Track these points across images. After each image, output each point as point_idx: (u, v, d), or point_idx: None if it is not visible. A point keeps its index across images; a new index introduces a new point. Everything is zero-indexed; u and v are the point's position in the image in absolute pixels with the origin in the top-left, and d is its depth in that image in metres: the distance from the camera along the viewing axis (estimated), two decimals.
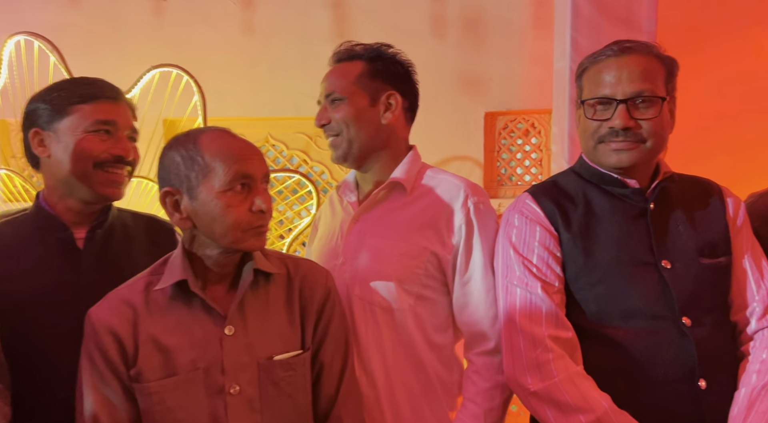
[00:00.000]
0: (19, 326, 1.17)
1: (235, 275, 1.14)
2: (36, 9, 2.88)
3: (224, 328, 1.09)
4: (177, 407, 1.05)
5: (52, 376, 1.18)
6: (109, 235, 1.28)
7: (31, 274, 1.19)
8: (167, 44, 2.89)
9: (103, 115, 1.23)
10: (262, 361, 1.10)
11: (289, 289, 1.16)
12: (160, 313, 1.08)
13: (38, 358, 1.18)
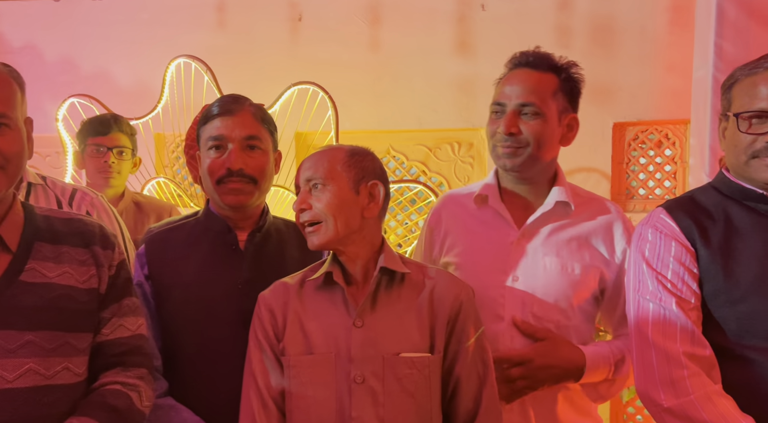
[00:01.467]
0: (186, 317, 1.31)
1: None
2: (189, 33, 3.23)
3: (354, 320, 1.19)
4: (309, 383, 1.16)
5: (212, 367, 1.30)
6: (266, 238, 1.40)
7: (200, 270, 1.34)
8: (301, 62, 3.11)
9: (213, 131, 1.34)
10: (388, 355, 1.17)
11: (421, 293, 1.23)
12: (308, 300, 1.23)
13: (200, 348, 1.31)
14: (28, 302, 1.04)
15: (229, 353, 1.28)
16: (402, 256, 1.28)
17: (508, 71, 1.42)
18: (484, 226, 1.44)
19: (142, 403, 1.12)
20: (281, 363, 1.20)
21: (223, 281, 1.33)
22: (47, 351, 1.04)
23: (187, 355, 1.31)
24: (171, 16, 3.29)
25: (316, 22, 3.17)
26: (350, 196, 1.20)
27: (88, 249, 1.15)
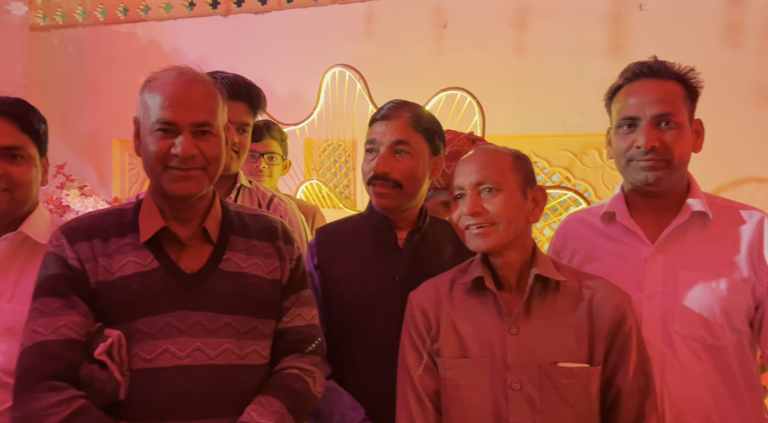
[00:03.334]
0: (347, 307, 1.40)
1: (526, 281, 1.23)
2: (340, 44, 3.42)
3: (509, 326, 1.19)
4: (465, 386, 1.18)
5: (368, 356, 1.37)
6: (424, 238, 1.45)
7: (361, 264, 1.43)
8: (445, 68, 3.15)
9: (370, 135, 1.43)
10: (545, 364, 1.16)
11: (578, 302, 1.21)
12: (459, 303, 1.25)
13: (358, 338, 1.38)
14: (225, 288, 1.17)
15: (384, 344, 1.34)
16: (555, 260, 1.26)
17: (626, 83, 1.37)
18: (615, 244, 1.40)
19: (317, 389, 1.22)
20: (435, 363, 1.23)
21: (382, 276, 1.40)
22: (240, 333, 1.16)
23: (346, 343, 1.39)
24: (323, 29, 3.50)
25: (461, 28, 3.20)
26: (520, 200, 1.21)
27: (273, 243, 1.27)
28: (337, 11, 3.46)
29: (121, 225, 1.19)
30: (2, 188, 1.23)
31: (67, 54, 4.20)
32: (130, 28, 4.01)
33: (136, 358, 1.09)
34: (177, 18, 3.88)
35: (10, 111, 1.25)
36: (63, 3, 4.15)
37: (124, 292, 1.12)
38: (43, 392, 1.01)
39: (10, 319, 1.21)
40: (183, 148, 1.12)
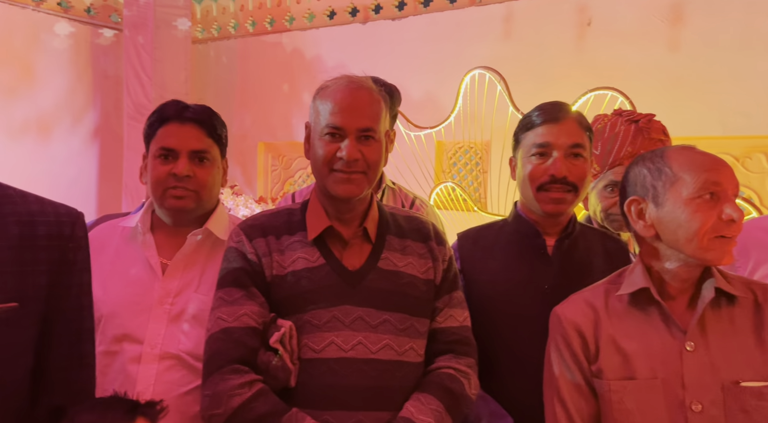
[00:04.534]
0: (490, 312, 1.39)
1: (694, 293, 1.14)
2: (475, 46, 3.40)
3: (685, 343, 1.10)
4: (636, 410, 1.11)
5: (511, 363, 1.36)
6: (574, 245, 1.41)
7: (506, 270, 1.41)
8: (589, 67, 3.02)
9: (538, 138, 1.37)
10: (727, 384, 1.07)
11: (758, 315, 1.11)
12: (619, 318, 1.17)
13: (501, 344, 1.37)
14: (384, 286, 1.22)
15: (527, 354, 1.32)
16: (721, 270, 1.16)
17: None
18: None
19: (471, 391, 1.23)
20: (591, 385, 1.17)
21: (528, 284, 1.38)
22: (399, 330, 1.20)
23: (488, 349, 1.37)
24: (459, 31, 3.50)
25: (606, 25, 3.05)
26: None
27: (426, 244, 1.30)
28: (474, 13, 3.45)
29: (291, 223, 1.28)
30: (190, 189, 1.36)
31: (221, 64, 4.58)
32: (276, 38, 4.29)
33: (305, 348, 1.17)
34: (319, 27, 4.08)
35: (198, 117, 1.38)
36: (219, 17, 4.53)
37: (296, 285, 1.20)
38: (229, 374, 1.12)
39: (197, 306, 1.34)
40: (348, 152, 1.19)
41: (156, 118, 1.39)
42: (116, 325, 1.31)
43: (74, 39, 4.22)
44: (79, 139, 4.32)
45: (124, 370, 1.30)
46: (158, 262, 1.37)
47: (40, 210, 1.09)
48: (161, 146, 1.37)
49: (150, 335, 1.32)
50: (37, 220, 1.07)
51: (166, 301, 1.34)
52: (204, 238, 1.41)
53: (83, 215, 1.16)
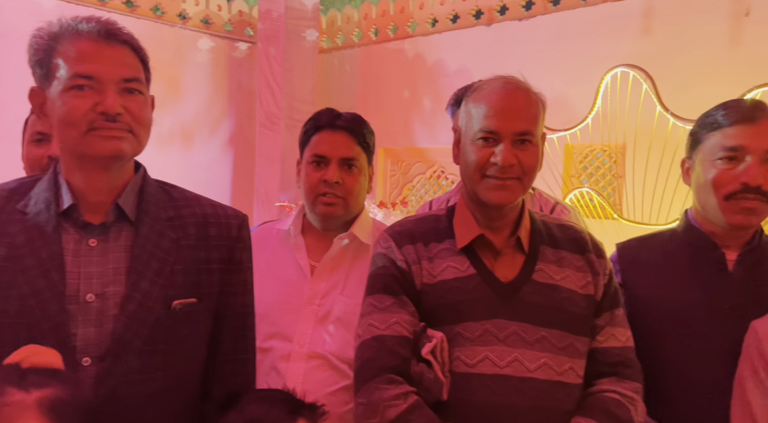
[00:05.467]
0: (652, 334, 1.27)
1: None
2: (611, 44, 3.20)
3: None
4: None
5: (685, 391, 1.23)
6: (760, 259, 1.27)
7: (676, 286, 1.29)
8: (745, 62, 2.73)
9: (727, 141, 1.22)
10: None
11: None
12: None
13: (672, 370, 1.25)
14: (540, 300, 1.15)
15: (700, 377, 1.20)
16: None
17: None
18: None
19: (637, 418, 1.13)
20: None
21: (704, 303, 1.24)
22: (558, 349, 1.13)
23: (654, 371, 1.26)
24: (592, 29, 3.32)
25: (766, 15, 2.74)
26: None
27: (584, 256, 1.22)
28: (609, 9, 3.25)
29: (438, 230, 1.25)
30: (339, 195, 1.39)
31: (345, 72, 4.71)
32: (398, 45, 4.33)
33: (457, 361, 1.13)
34: (441, 32, 4.06)
35: (349, 126, 1.41)
36: (343, 27, 4.67)
37: (446, 295, 1.17)
38: (384, 384, 1.11)
39: (341, 309, 1.36)
40: (503, 157, 1.14)
41: (311, 126, 1.44)
42: (269, 323, 1.36)
43: (214, 53, 4.53)
44: (216, 146, 4.62)
45: (275, 367, 1.35)
46: (307, 263, 1.42)
47: (213, 212, 1.16)
48: (314, 153, 1.41)
49: (298, 334, 1.36)
50: (209, 222, 1.14)
51: (313, 302, 1.38)
52: (349, 242, 1.43)
53: (248, 217, 1.21)
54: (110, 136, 1.01)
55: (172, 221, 1.11)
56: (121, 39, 1.04)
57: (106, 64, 1.01)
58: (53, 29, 1.04)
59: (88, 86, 1.00)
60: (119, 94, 1.01)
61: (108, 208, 1.07)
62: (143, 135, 1.06)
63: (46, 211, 1.03)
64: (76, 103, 0.99)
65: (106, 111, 0.99)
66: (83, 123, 1.00)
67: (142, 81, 1.06)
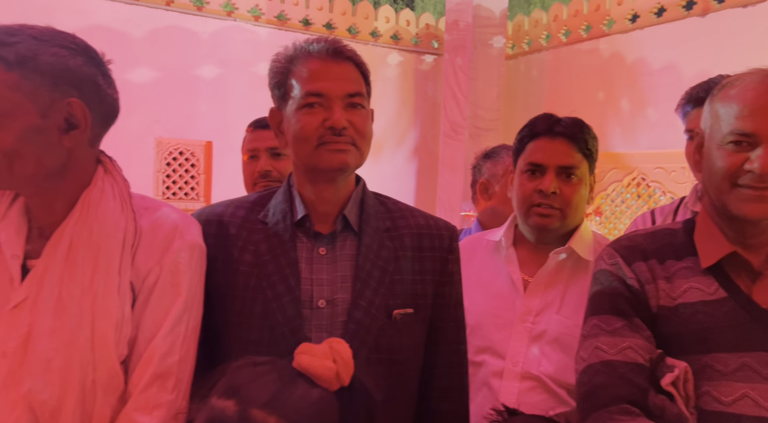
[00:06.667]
0: None
1: None
2: None
3: None
4: None
5: None
6: None
7: None
8: None
9: None
10: None
11: None
12: None
13: None
14: None
15: None
16: None
17: None
18: None
19: None
20: None
21: None
22: None
23: None
24: None
25: None
26: None
27: None
28: None
29: (675, 246, 1.10)
30: (556, 207, 1.31)
31: (531, 77, 4.56)
32: (592, 45, 4.07)
33: (706, 397, 0.98)
34: (643, 27, 3.73)
35: (569, 132, 1.32)
36: (530, 31, 4.53)
37: (690, 321, 1.03)
38: (619, 414, 1.00)
39: (558, 329, 1.28)
40: (761, 164, 0.97)
41: (526, 133, 1.38)
42: (480, 337, 1.32)
43: (402, 67, 4.69)
44: (402, 157, 4.77)
45: (487, 383, 1.31)
46: (520, 278, 1.35)
47: (425, 223, 1.16)
48: (529, 161, 1.35)
49: (512, 352, 1.30)
50: (423, 233, 1.14)
51: (527, 319, 1.31)
52: (567, 257, 1.34)
53: (457, 229, 1.20)
54: (337, 149, 1.06)
55: (390, 232, 1.13)
56: (346, 55, 1.09)
57: (333, 80, 1.06)
58: (289, 53, 1.12)
59: (317, 103, 1.06)
60: (344, 109, 1.06)
61: (334, 219, 1.12)
62: (365, 147, 1.10)
63: (282, 221, 1.11)
64: (308, 120, 1.06)
65: (334, 125, 1.04)
66: (314, 138, 1.06)
67: (364, 95, 1.10)
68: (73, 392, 0.91)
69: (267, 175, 1.72)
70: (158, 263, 0.98)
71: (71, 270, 0.93)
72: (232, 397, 0.80)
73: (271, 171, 1.72)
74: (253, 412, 0.77)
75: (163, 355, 0.96)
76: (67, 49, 0.92)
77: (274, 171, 1.73)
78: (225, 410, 0.78)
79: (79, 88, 0.94)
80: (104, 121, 1.00)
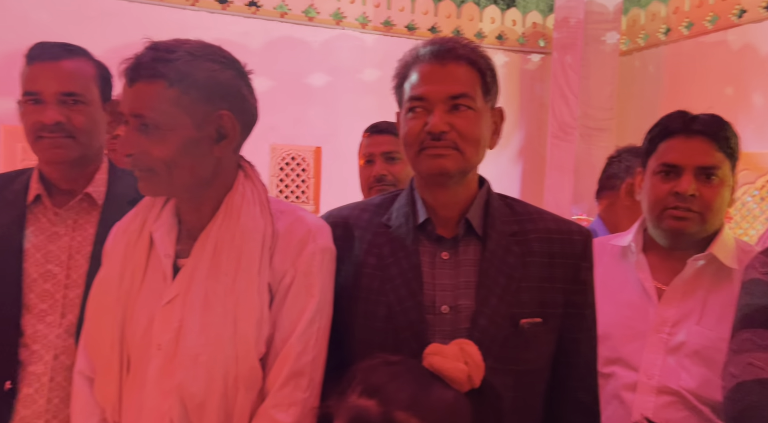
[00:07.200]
0: None
1: None
2: None
3: None
4: None
5: None
6: None
7: None
8: None
9: None
10: None
11: None
12: None
13: None
14: None
15: None
16: None
17: None
18: None
19: None
20: None
21: None
22: None
23: None
24: None
25: None
26: None
27: None
28: None
29: None
30: (694, 210, 1.22)
31: (647, 74, 4.30)
32: (719, 37, 3.77)
33: None
34: None
35: (708, 129, 1.23)
36: (647, 25, 4.27)
37: None
38: None
39: (699, 342, 1.19)
40: None
41: (658, 132, 1.30)
42: (609, 348, 1.26)
43: (507, 68, 4.60)
44: (506, 159, 4.67)
45: (618, 396, 1.24)
46: (653, 285, 1.27)
47: (556, 227, 1.11)
48: (662, 162, 1.26)
49: (645, 364, 1.22)
50: (553, 238, 1.10)
51: (662, 330, 1.23)
52: (706, 264, 1.24)
53: (591, 234, 1.14)
54: (434, 155, 1.04)
55: (516, 236, 1.10)
56: (456, 55, 1.06)
57: (436, 83, 1.04)
58: (405, 58, 1.12)
59: (420, 107, 1.05)
60: (447, 112, 1.04)
61: (456, 223, 1.11)
62: (470, 150, 1.06)
63: (405, 224, 1.11)
64: (412, 125, 1.06)
65: (431, 130, 1.03)
66: (416, 143, 1.05)
67: (473, 96, 1.05)
68: (218, 387, 0.97)
69: (382, 179, 1.75)
70: (293, 265, 1.02)
71: (216, 270, 0.99)
72: (373, 396, 0.81)
73: (386, 175, 1.75)
74: (397, 414, 0.78)
75: (298, 355, 0.99)
76: (219, 64, 0.99)
77: (389, 175, 1.75)
78: (368, 410, 0.80)
79: (228, 99, 1.00)
80: (247, 129, 1.06)
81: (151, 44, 0.98)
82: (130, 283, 1.03)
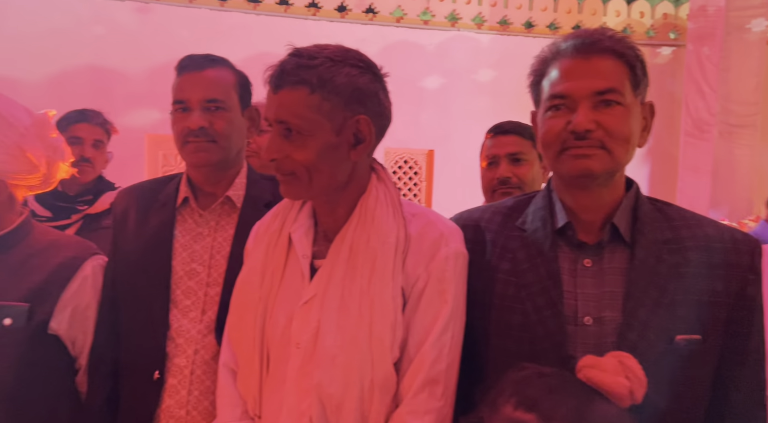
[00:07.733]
0: None
1: None
2: None
3: None
4: None
5: None
6: None
7: None
8: None
9: None
10: None
11: None
12: None
13: None
14: None
15: None
16: None
17: None
18: None
19: None
20: None
21: None
22: None
23: None
24: None
25: None
26: None
27: None
28: None
29: None
30: None
31: None
32: None
33: None
34: None
35: None
36: None
37: None
38: None
39: None
40: None
41: None
42: None
43: None
44: (632, 159, 4.38)
45: None
46: None
47: (717, 235, 1.00)
48: None
49: None
50: (713, 246, 0.99)
51: None
52: None
53: (759, 243, 1.01)
54: (578, 155, 0.97)
55: (670, 244, 1.00)
56: (602, 48, 0.98)
57: (580, 79, 0.97)
58: (543, 53, 1.05)
59: (563, 105, 0.98)
60: (593, 109, 0.96)
61: (600, 227, 1.03)
62: (619, 149, 0.98)
63: (542, 228, 1.05)
64: (552, 124, 0.99)
65: (575, 129, 0.96)
66: (557, 143, 0.99)
67: (621, 91, 0.98)
68: (355, 389, 0.97)
69: (506, 181, 1.68)
70: (426, 270, 1.00)
71: (351, 272, 1.00)
72: (531, 410, 0.77)
73: (510, 178, 1.68)
74: None
75: (432, 362, 0.97)
76: (357, 68, 0.99)
77: (514, 177, 1.68)
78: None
79: (365, 104, 1.00)
80: (381, 132, 1.06)
81: (293, 51, 1.00)
82: (270, 281, 1.06)
